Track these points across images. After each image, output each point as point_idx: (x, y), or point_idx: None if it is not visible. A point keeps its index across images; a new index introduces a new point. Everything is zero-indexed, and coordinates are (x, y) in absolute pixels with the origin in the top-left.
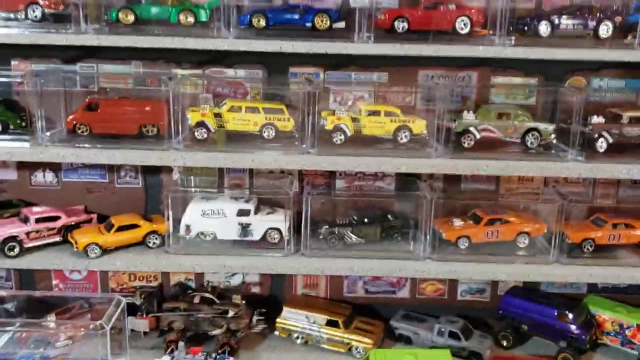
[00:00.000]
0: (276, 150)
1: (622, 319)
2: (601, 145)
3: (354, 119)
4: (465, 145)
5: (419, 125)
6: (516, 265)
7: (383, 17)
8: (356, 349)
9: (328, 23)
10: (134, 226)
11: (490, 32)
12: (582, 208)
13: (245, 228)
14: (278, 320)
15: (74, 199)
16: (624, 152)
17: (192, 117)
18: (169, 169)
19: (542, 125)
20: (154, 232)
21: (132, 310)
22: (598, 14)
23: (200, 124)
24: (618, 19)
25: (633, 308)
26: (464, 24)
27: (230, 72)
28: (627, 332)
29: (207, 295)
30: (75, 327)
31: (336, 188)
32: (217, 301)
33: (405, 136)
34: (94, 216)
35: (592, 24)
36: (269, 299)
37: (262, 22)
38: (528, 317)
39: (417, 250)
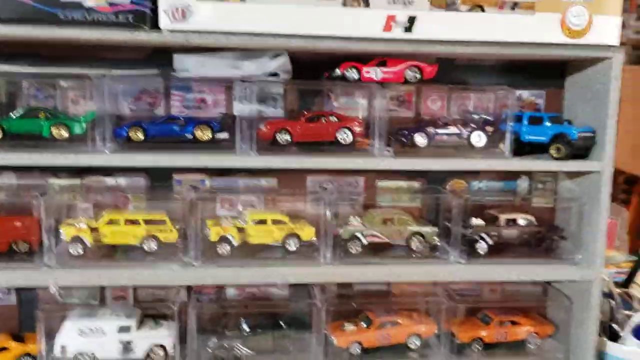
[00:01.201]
0: (158, 264)
1: None
2: (481, 247)
3: (239, 229)
4: (353, 251)
5: (307, 232)
6: None
7: (266, 129)
8: None
9: (210, 135)
10: (3, 349)
11: (372, 142)
12: (470, 305)
13: (127, 345)
14: None
15: None
16: (502, 253)
17: (67, 233)
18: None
19: (425, 229)
20: (26, 354)
21: None
22: (471, 124)
23: (76, 239)
24: (489, 128)
25: None
26: (346, 135)
27: (110, 180)
28: None
29: None
30: None
31: (227, 295)
32: None
33: (294, 243)
34: None
35: (465, 133)
36: None
37: (140, 135)
38: None
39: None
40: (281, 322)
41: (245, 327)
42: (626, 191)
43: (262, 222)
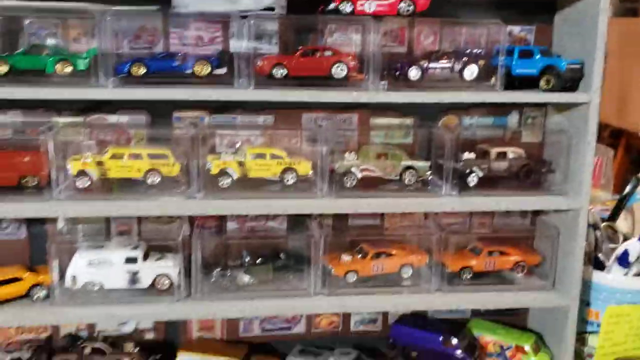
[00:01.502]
0: (162, 196)
1: (502, 341)
2: (472, 180)
3: (239, 163)
4: (348, 185)
5: (304, 167)
6: (401, 296)
7: (262, 64)
8: None
9: (208, 70)
10: (16, 279)
11: (366, 76)
12: (460, 238)
13: (133, 276)
14: None
15: None
16: (492, 185)
17: (73, 167)
18: (53, 219)
19: (418, 163)
20: (38, 284)
21: None
22: (463, 58)
23: (82, 173)
24: (481, 62)
25: (512, 329)
26: (341, 70)
27: (112, 118)
28: (507, 352)
29: (98, 345)
30: None
31: (228, 230)
32: (109, 351)
33: (292, 178)
34: None
35: (458, 67)
36: (164, 344)
37: (142, 70)
38: (416, 344)
39: (308, 287)
40: (280, 254)
41: (246, 258)
42: (612, 145)
43: (261, 156)
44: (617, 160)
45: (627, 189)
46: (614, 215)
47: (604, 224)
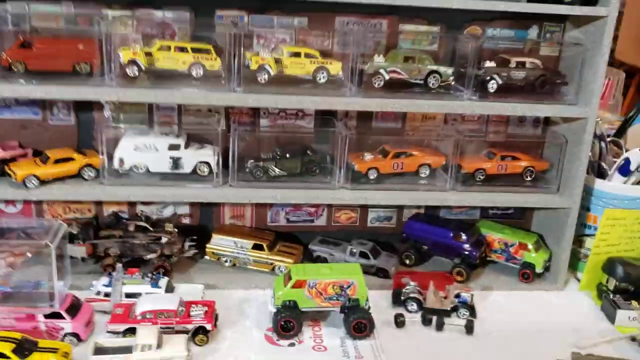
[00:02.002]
0: (205, 87)
1: (507, 239)
2: (492, 86)
3: (276, 60)
4: (376, 85)
5: (335, 67)
6: (418, 193)
7: None
8: (279, 267)
9: None
10: (69, 159)
11: None
12: (475, 143)
13: (176, 161)
14: (208, 245)
15: (7, 135)
16: (511, 92)
17: (124, 55)
18: (100, 107)
19: (442, 68)
20: (88, 165)
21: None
22: None
23: (132, 62)
24: None
25: (517, 229)
26: None
27: (158, 13)
28: (510, 249)
29: (141, 223)
30: (18, 251)
31: (261, 126)
32: (151, 229)
33: (324, 76)
34: (29, 151)
35: None
36: (199, 229)
37: None
38: (428, 239)
39: (333, 181)
40: (308, 151)
41: (277, 152)
42: (625, 86)
43: (296, 54)
44: (627, 99)
45: (632, 112)
46: (618, 134)
47: (609, 139)
